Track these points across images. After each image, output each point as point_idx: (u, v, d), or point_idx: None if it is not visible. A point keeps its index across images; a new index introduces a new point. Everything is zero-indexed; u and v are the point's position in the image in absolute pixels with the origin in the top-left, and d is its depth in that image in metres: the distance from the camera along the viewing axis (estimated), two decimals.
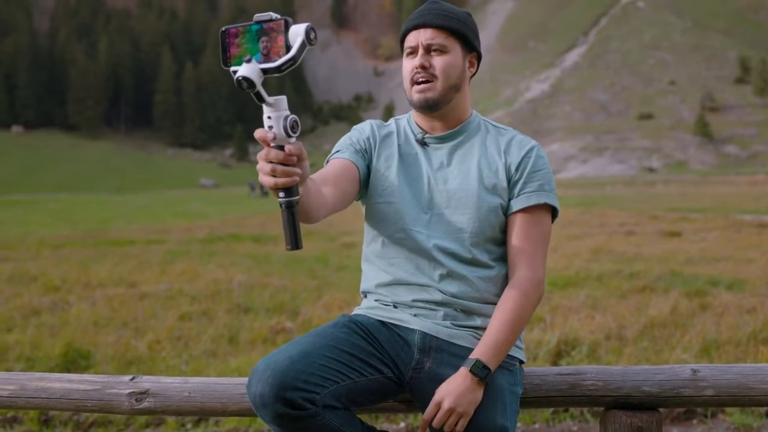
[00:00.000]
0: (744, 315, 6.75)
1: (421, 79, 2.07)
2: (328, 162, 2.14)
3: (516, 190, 2.09)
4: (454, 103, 2.12)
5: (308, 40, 1.55)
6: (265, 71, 1.54)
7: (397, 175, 2.13)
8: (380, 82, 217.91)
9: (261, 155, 1.56)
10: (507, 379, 2.02)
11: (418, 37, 2.07)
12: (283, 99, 1.57)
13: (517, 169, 2.09)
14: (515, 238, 2.08)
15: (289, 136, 1.55)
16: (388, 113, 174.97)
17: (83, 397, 2.21)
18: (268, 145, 1.56)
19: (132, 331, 6.68)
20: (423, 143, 2.16)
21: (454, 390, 1.89)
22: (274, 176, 1.55)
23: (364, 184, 2.16)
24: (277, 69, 1.54)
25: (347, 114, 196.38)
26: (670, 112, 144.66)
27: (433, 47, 2.07)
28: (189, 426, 4.34)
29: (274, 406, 1.75)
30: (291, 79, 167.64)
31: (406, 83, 2.12)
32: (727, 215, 22.25)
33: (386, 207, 2.13)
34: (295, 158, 1.55)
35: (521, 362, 2.13)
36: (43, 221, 28.08)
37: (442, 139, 2.15)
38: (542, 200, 2.08)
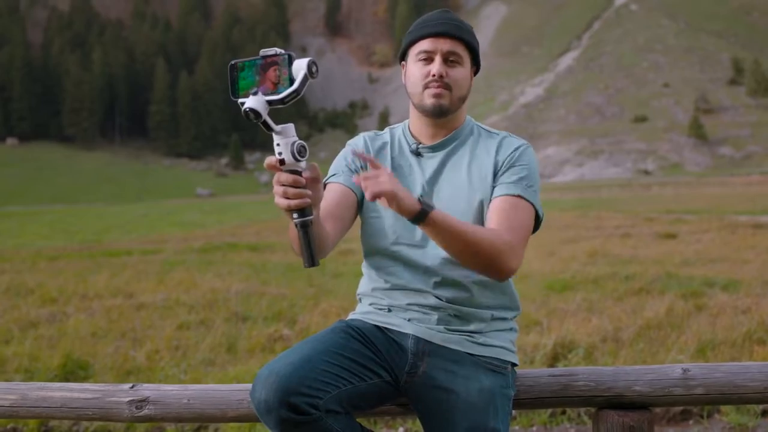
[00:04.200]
0: (739, 315, 6.79)
1: (435, 87, 2.09)
2: (325, 186, 2.18)
3: (497, 181, 2.09)
4: (457, 112, 2.17)
5: (310, 73, 1.67)
6: (270, 102, 1.66)
7: None
8: (375, 88, 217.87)
9: (274, 180, 1.71)
10: (499, 381, 2.05)
11: (436, 45, 2.10)
12: (290, 126, 1.70)
13: (503, 163, 2.11)
14: (493, 220, 2.03)
15: (298, 160, 1.67)
16: (383, 119, 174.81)
17: (84, 406, 2.23)
18: (279, 170, 1.68)
19: (130, 341, 6.69)
20: (417, 153, 2.18)
21: (400, 186, 1.81)
22: (287, 198, 1.67)
23: (362, 203, 2.20)
24: (281, 101, 1.66)
25: (342, 121, 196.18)
26: (664, 114, 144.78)
27: (451, 58, 2.10)
28: None
29: (279, 411, 1.77)
30: None
31: (417, 87, 2.13)
32: (722, 216, 22.32)
33: (379, 221, 2.17)
34: (303, 181, 1.68)
35: (513, 365, 2.15)
36: (40, 233, 28.05)
37: (435, 148, 2.17)
38: (517, 192, 2.05)
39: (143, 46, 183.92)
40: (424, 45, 2.11)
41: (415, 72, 2.12)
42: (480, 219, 2.09)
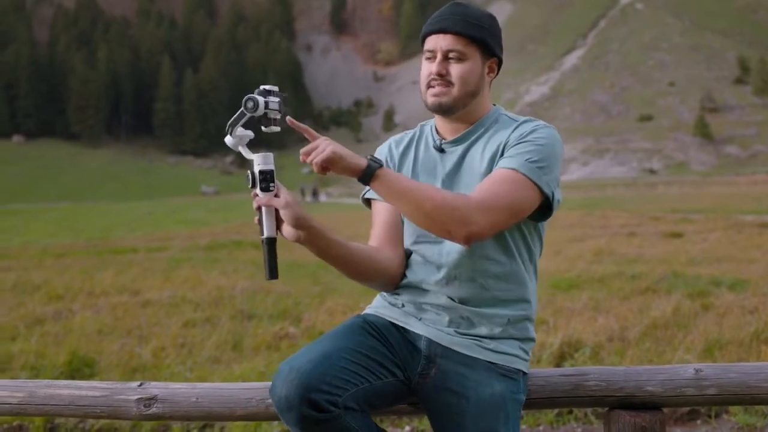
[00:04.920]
0: (746, 315, 6.75)
1: (436, 86, 2.07)
2: (365, 199, 2.26)
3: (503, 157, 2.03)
4: (471, 107, 2.11)
5: (245, 107, 1.90)
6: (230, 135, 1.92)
7: None
8: (380, 87, 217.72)
9: None
10: (510, 387, 2.03)
11: (437, 43, 2.06)
12: (265, 156, 1.92)
13: (512, 140, 2.04)
14: (475, 188, 2.00)
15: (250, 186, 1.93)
16: (388, 118, 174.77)
17: (92, 404, 2.23)
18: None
19: (136, 338, 6.70)
20: (440, 149, 2.16)
21: (343, 148, 1.89)
22: None
23: None
24: (226, 134, 1.92)
25: (347, 119, 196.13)
26: (669, 113, 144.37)
27: (451, 54, 2.05)
28: None
29: (300, 408, 1.77)
30: (290, 86, 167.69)
31: (422, 86, 2.11)
32: (729, 216, 22.21)
33: (403, 221, 2.18)
34: (255, 204, 1.92)
35: (524, 373, 2.12)
36: (46, 230, 28.12)
37: (455, 142, 2.14)
38: (513, 165, 1.96)
39: (148, 44, 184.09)
40: (428, 43, 2.09)
41: (422, 70, 2.12)
42: None
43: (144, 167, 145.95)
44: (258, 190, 1.89)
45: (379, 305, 2.19)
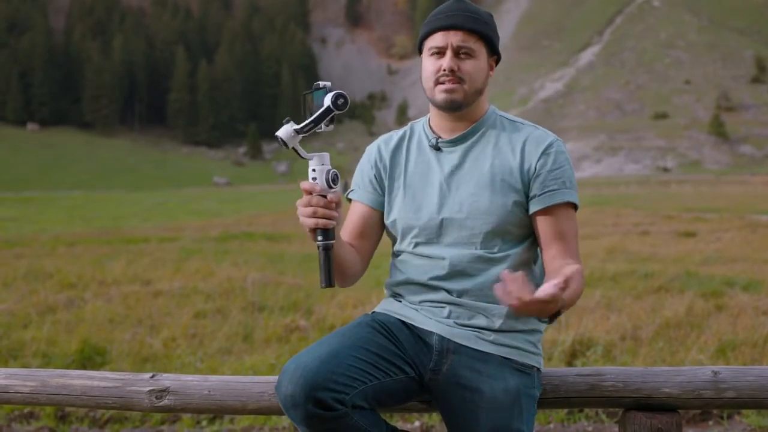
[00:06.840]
0: (760, 316, 6.70)
1: (447, 82, 2.06)
2: (348, 199, 2.26)
3: (537, 190, 2.07)
4: (475, 105, 2.12)
5: (335, 105, 1.79)
6: (296, 131, 1.78)
7: (405, 190, 2.15)
8: (394, 80, 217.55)
9: (302, 202, 1.85)
10: (524, 382, 2.02)
11: (447, 39, 2.05)
12: (325, 155, 1.84)
13: (535, 168, 2.07)
14: (551, 239, 2.09)
15: (331, 187, 1.83)
16: (402, 112, 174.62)
17: (103, 394, 2.23)
18: (310, 194, 1.84)
19: (147, 328, 6.71)
20: (437, 148, 2.15)
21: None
22: (316, 218, 1.83)
23: (383, 215, 2.24)
24: (301, 130, 1.80)
25: (361, 113, 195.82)
26: (685, 112, 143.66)
27: (463, 50, 2.06)
28: (204, 423, 4.36)
29: (306, 406, 1.76)
30: (304, 79, 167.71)
31: (429, 83, 2.10)
32: (743, 215, 22.08)
33: (397, 222, 2.16)
34: (334, 204, 1.84)
35: (538, 368, 2.11)
36: (58, 218, 28.23)
37: (454, 142, 2.13)
38: (565, 199, 2.08)
39: (164, 34, 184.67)
40: (436, 39, 2.07)
41: (427, 66, 2.10)
42: (509, 219, 2.06)
43: (157, 157, 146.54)
44: (338, 188, 1.86)
45: (388, 304, 2.18)
